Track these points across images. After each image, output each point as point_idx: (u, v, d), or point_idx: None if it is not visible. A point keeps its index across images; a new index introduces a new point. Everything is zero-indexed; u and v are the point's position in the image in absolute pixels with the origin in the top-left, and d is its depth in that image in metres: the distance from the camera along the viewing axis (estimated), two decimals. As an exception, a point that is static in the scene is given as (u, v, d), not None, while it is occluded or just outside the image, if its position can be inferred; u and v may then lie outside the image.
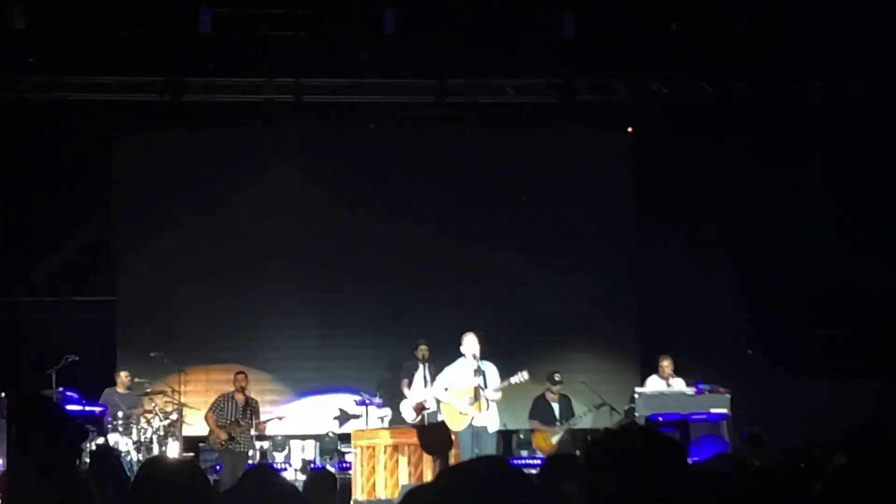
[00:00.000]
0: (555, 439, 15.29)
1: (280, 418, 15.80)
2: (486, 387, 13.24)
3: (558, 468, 5.29)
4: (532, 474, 4.96)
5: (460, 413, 13.20)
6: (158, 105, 17.13)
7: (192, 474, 4.14)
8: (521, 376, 13.65)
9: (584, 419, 15.54)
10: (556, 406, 15.52)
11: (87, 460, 13.11)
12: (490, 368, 13.41)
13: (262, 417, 15.43)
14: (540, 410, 15.58)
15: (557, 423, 15.36)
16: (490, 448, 13.31)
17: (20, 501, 3.90)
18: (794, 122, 16.80)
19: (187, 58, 16.39)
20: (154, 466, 4.57)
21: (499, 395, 13.47)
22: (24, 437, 3.93)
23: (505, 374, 13.52)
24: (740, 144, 17.08)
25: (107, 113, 17.15)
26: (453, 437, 12.93)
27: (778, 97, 16.98)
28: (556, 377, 15.54)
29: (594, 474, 3.30)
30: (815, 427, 14.57)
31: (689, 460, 3.40)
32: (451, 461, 13.56)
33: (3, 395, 13.93)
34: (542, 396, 15.64)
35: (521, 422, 16.87)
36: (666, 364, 15.32)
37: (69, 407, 14.50)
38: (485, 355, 13.45)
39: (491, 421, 13.35)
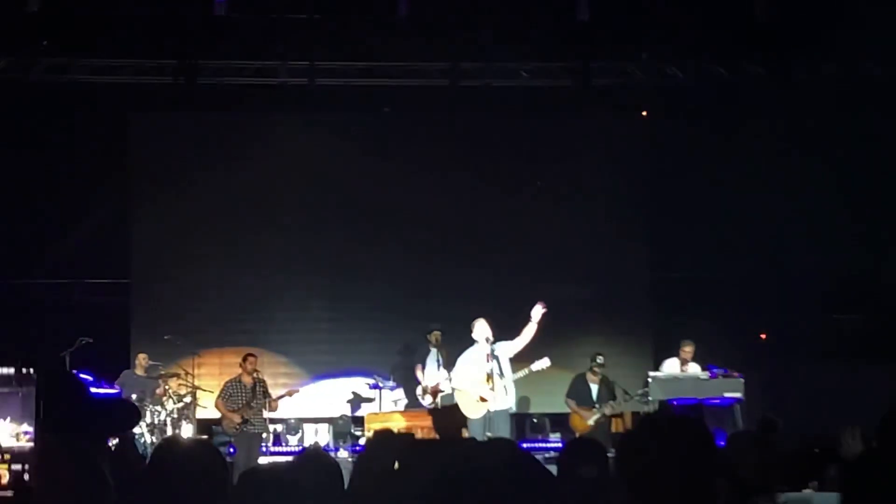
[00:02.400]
0: (591, 421, 15.14)
1: (290, 394, 15.63)
2: (500, 370, 13.21)
3: (578, 451, 5.28)
4: (548, 458, 4.98)
5: (477, 400, 13.16)
6: (172, 88, 17.15)
7: (209, 455, 4.12)
8: (543, 363, 13.64)
9: (628, 404, 15.25)
10: (594, 388, 15.34)
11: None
12: (503, 348, 13.35)
13: (273, 395, 15.36)
14: (577, 390, 15.38)
15: (595, 406, 15.20)
16: (504, 431, 13.28)
17: (50, 478, 3.90)
18: (810, 105, 16.71)
19: (201, 41, 16.39)
20: (170, 447, 4.57)
21: (518, 376, 13.47)
22: (58, 414, 3.93)
23: (523, 357, 13.51)
24: (755, 128, 17.01)
25: (121, 95, 17.18)
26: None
27: (794, 81, 16.92)
28: (599, 359, 15.30)
29: (631, 460, 3.29)
30: (828, 413, 14.58)
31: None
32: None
33: (31, 370, 13.98)
34: (583, 376, 15.44)
35: (538, 405, 16.91)
36: (689, 349, 15.21)
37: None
38: (500, 336, 13.42)
39: (507, 404, 13.33)
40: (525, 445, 16.01)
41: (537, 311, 13.29)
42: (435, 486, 3.05)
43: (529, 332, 13.29)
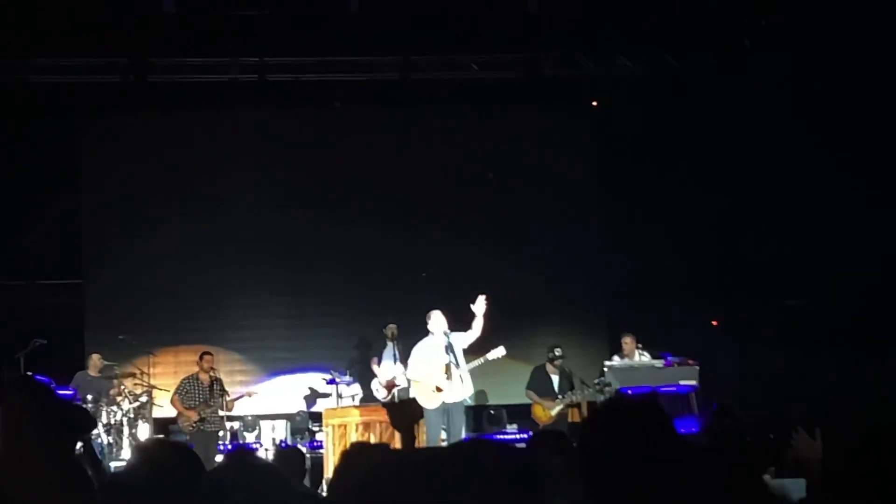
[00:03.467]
0: (554, 412, 15.20)
1: (249, 395, 15.74)
2: (457, 361, 13.25)
3: (545, 442, 5.32)
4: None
5: (433, 391, 13.19)
6: (123, 86, 17.05)
7: (189, 459, 4.14)
8: (498, 352, 13.68)
9: (587, 394, 15.28)
10: (555, 378, 15.40)
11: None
12: (457, 338, 13.38)
13: (231, 396, 15.38)
14: (537, 381, 15.45)
15: (558, 397, 15.26)
16: (460, 422, 13.34)
17: (19, 439, 3.90)
18: (760, 94, 16.83)
19: (151, 38, 16.31)
20: (152, 449, 4.56)
21: (473, 366, 13.51)
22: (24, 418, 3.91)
23: (477, 348, 13.56)
24: (706, 118, 17.12)
25: (71, 95, 17.05)
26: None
27: (745, 70, 17.04)
28: (557, 351, 15.39)
29: (589, 448, 3.32)
30: (782, 397, 14.73)
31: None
32: (419, 437, 13.65)
33: None
34: (542, 368, 15.50)
35: (494, 397, 16.97)
36: (628, 341, 15.31)
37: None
38: (454, 329, 13.46)
39: (464, 394, 13.36)
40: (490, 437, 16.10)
41: (480, 304, 13.27)
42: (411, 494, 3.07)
43: (478, 325, 13.30)
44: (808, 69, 16.65)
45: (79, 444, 5.22)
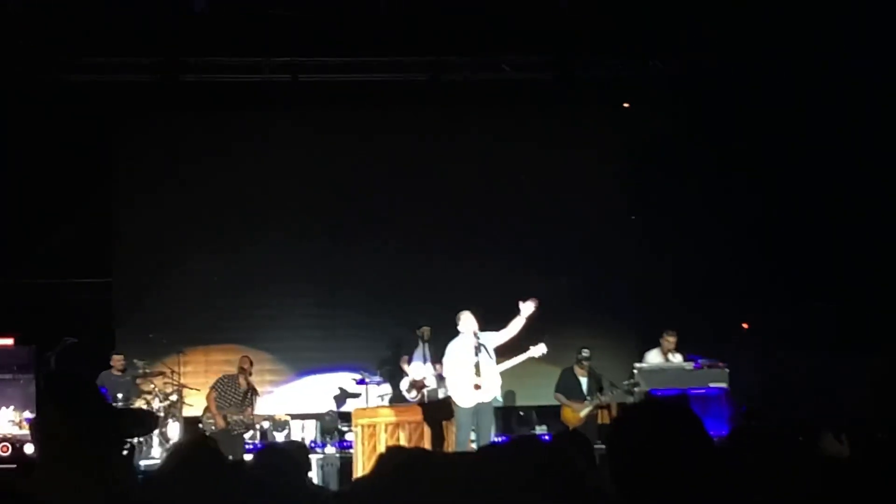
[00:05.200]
0: (582, 413, 15.17)
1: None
2: (489, 359, 13.17)
3: (566, 444, 5.31)
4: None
5: (471, 388, 13.10)
6: (156, 86, 17.11)
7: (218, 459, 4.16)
8: (540, 349, 13.65)
9: (615, 395, 15.24)
10: (583, 381, 15.37)
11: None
12: (488, 338, 13.32)
13: (259, 401, 15.34)
14: (566, 384, 15.41)
15: (587, 398, 15.22)
16: (489, 423, 13.30)
17: (51, 448, 3.91)
18: (788, 97, 16.77)
19: (184, 38, 16.37)
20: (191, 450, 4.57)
21: (509, 366, 13.47)
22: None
23: (506, 350, 13.52)
24: (737, 120, 17.07)
25: (104, 94, 17.13)
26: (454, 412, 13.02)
27: (775, 73, 16.97)
28: (585, 353, 15.38)
29: (618, 450, 3.32)
30: (811, 401, 14.65)
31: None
32: (448, 438, 13.66)
33: (33, 346, 14.18)
34: (570, 370, 15.47)
35: (524, 398, 16.95)
36: (671, 339, 15.22)
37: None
38: (484, 330, 13.41)
39: (494, 394, 13.32)
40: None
41: (528, 307, 13.16)
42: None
43: (517, 325, 13.21)
44: (840, 72, 16.55)
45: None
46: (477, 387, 13.03)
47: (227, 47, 16.75)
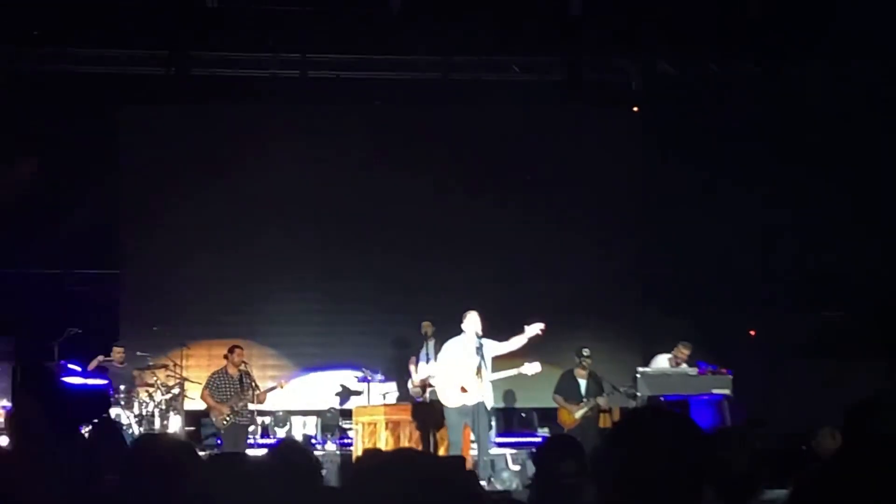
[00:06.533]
0: (578, 415, 15.06)
1: (281, 386, 15.37)
2: (486, 365, 13.10)
3: (557, 447, 5.28)
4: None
5: (458, 390, 13.01)
6: (164, 79, 17.13)
7: (186, 454, 4.13)
8: (534, 367, 13.55)
9: (613, 398, 15.14)
10: (583, 382, 15.23)
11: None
12: (489, 345, 13.22)
13: (261, 388, 15.25)
14: (565, 386, 15.27)
15: (584, 400, 15.11)
16: (485, 425, 13.20)
17: (26, 440, 3.91)
18: (799, 103, 16.73)
19: (193, 32, 16.38)
20: (149, 444, 4.56)
21: (497, 377, 13.40)
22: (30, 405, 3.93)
23: (508, 359, 13.44)
24: (746, 124, 17.02)
25: (112, 86, 17.16)
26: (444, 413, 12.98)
27: (785, 79, 16.92)
28: (585, 352, 15.17)
29: (617, 455, 3.28)
30: (816, 409, 14.58)
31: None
32: (442, 440, 13.62)
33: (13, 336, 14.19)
34: (570, 372, 15.26)
35: (525, 400, 16.91)
36: (685, 351, 14.99)
37: (71, 380, 14.59)
38: (488, 333, 13.33)
39: (487, 398, 13.19)
40: (512, 440, 16.07)
41: (533, 329, 13.07)
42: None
43: (518, 342, 13.10)
44: (847, 79, 16.52)
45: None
46: (463, 389, 12.93)
47: (237, 42, 16.76)
